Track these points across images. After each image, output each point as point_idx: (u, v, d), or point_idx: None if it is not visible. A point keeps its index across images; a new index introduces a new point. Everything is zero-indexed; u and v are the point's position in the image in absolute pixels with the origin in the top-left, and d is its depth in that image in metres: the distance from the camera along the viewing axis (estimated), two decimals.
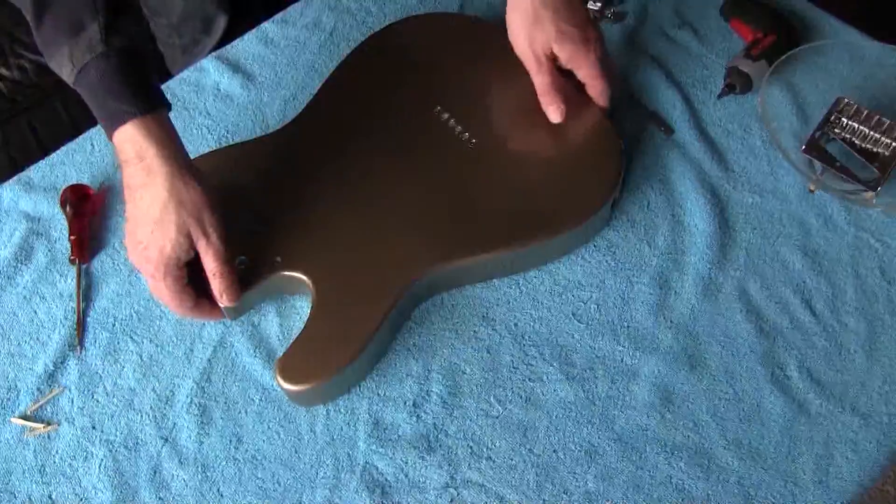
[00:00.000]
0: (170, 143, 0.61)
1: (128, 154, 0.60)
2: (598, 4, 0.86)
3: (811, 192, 0.74)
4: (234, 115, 0.82)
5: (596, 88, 0.73)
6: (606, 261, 0.71)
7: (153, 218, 0.60)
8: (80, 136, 0.82)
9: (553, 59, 0.73)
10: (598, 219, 0.71)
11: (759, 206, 0.74)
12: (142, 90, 0.60)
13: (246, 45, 0.87)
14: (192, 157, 0.65)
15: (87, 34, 0.58)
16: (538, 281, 0.70)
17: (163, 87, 0.84)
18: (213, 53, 0.87)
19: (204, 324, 0.69)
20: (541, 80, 0.73)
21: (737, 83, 0.79)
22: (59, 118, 1.12)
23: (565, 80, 0.74)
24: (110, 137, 0.61)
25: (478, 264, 0.68)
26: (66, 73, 0.61)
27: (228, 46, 0.87)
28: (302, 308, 0.70)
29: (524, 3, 0.71)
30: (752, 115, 0.80)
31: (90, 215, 0.76)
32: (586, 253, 0.72)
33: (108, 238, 0.75)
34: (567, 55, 0.72)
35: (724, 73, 0.81)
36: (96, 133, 0.82)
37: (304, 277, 0.67)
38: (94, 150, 0.81)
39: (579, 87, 0.75)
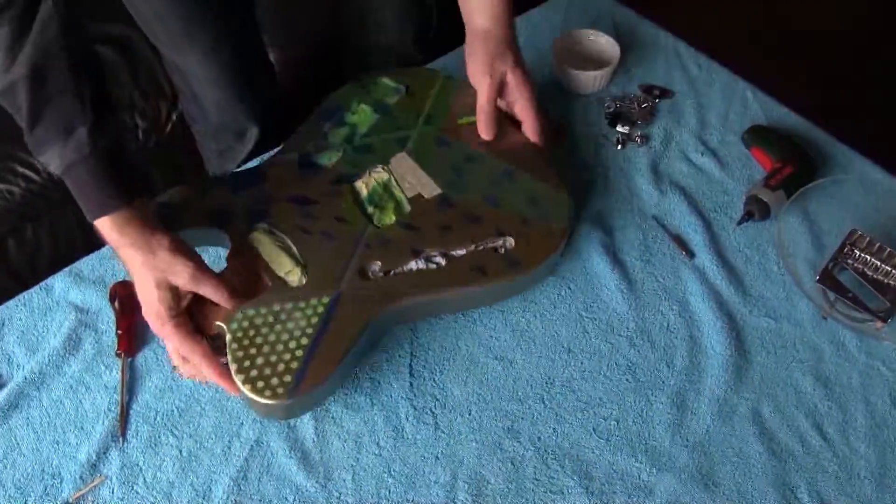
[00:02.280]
0: (146, 223, 0.75)
1: (113, 235, 0.74)
2: (627, 128, 0.98)
3: (824, 319, 0.83)
4: None
5: (531, 126, 0.90)
6: (626, 379, 0.80)
7: (138, 284, 0.75)
8: None
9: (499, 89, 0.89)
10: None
11: (774, 330, 0.84)
12: (122, 184, 0.73)
13: None
14: None
15: (76, 136, 0.71)
16: (562, 397, 0.79)
17: None
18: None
19: (242, 422, 0.79)
20: (479, 104, 0.89)
21: (755, 211, 0.89)
22: None
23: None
24: (92, 220, 0.74)
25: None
26: (54, 167, 0.73)
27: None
28: (337, 413, 0.79)
29: (489, 40, 0.88)
30: (770, 241, 0.90)
31: (137, 311, 0.86)
32: (608, 371, 0.81)
33: (152, 334, 0.85)
34: (516, 81, 0.88)
35: (743, 200, 0.91)
36: None
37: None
38: None
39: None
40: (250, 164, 0.98)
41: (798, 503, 0.73)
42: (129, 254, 0.74)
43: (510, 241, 0.84)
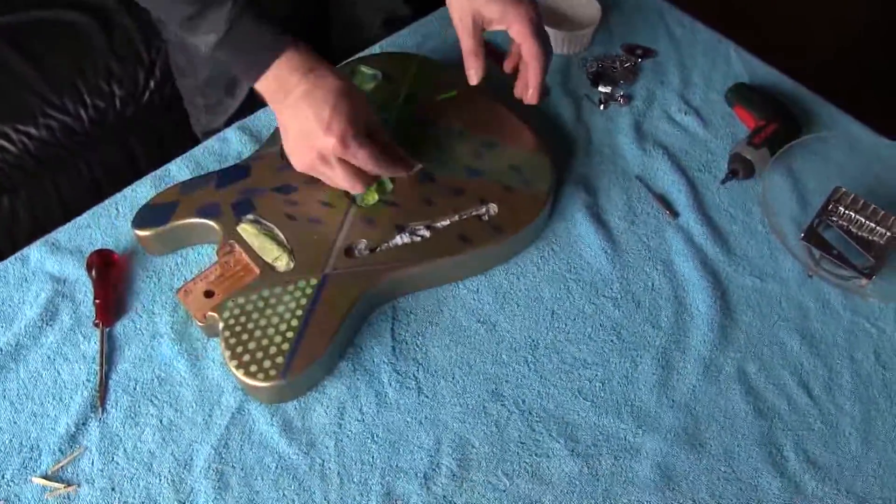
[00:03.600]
0: (322, 58, 0.74)
1: (290, 76, 0.72)
2: (609, 88, 0.94)
3: (809, 277, 0.80)
4: None
5: (529, 47, 0.79)
6: (612, 340, 0.77)
7: (335, 97, 0.71)
8: (106, 201, 0.89)
9: (481, 26, 0.81)
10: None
11: (759, 289, 0.80)
12: (281, 27, 0.73)
13: (267, 117, 0.95)
14: None
15: None
16: (546, 359, 0.76)
17: (187, 155, 0.92)
18: (236, 124, 0.94)
19: (223, 390, 0.75)
20: (463, 45, 0.82)
21: (739, 169, 0.86)
22: (82, 177, 1.20)
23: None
24: (264, 69, 0.72)
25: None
26: (216, 34, 0.72)
27: (251, 117, 0.95)
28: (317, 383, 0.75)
29: None
30: (754, 200, 0.87)
31: (115, 281, 0.82)
32: (593, 332, 0.78)
33: (131, 303, 0.81)
34: (497, 13, 0.79)
35: (727, 159, 0.88)
36: (121, 199, 0.88)
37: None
38: (118, 215, 0.87)
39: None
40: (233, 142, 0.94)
41: (784, 461, 0.71)
42: (316, 84, 0.72)
43: (493, 209, 0.80)
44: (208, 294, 0.77)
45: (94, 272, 0.81)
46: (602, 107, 0.94)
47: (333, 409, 0.74)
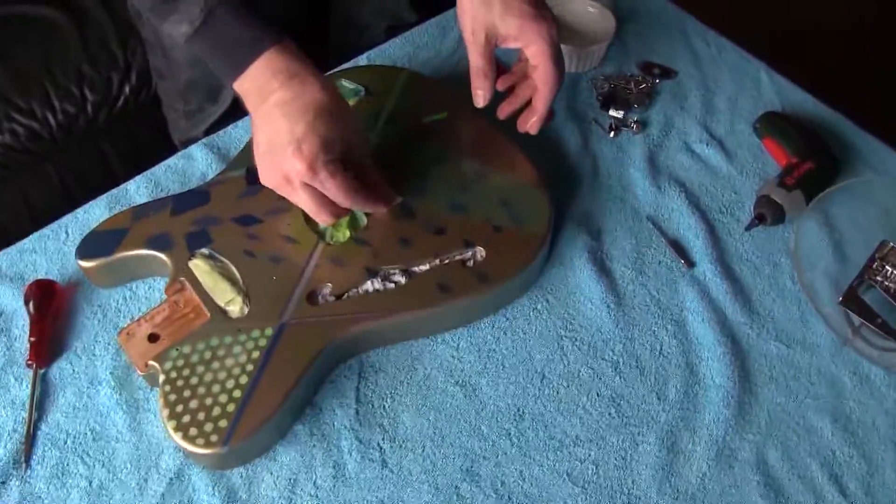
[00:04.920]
0: (301, 57, 0.63)
1: (270, 80, 0.61)
2: (621, 112, 0.81)
3: (846, 347, 0.67)
4: None
5: (545, 72, 0.68)
6: (610, 413, 0.64)
7: (314, 112, 0.61)
8: (54, 223, 0.78)
9: (494, 43, 0.69)
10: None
11: (785, 358, 0.67)
12: (266, 23, 0.62)
13: (238, 133, 0.83)
14: None
15: None
16: (532, 433, 0.63)
17: (147, 173, 0.80)
18: (203, 140, 0.82)
19: (163, 451, 0.63)
20: (472, 61, 0.70)
21: (767, 214, 0.72)
22: (51, 183, 1.09)
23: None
24: (242, 68, 0.62)
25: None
26: (189, 22, 0.62)
27: (221, 133, 0.83)
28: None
29: None
30: (784, 251, 0.73)
31: (54, 315, 0.71)
32: (588, 402, 0.65)
33: (71, 341, 0.70)
34: (515, 29, 0.68)
35: (754, 201, 0.74)
36: (71, 221, 0.77)
37: None
38: (67, 239, 0.76)
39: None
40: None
41: None
42: (284, 95, 0.61)
43: (480, 253, 0.68)
44: (153, 338, 0.66)
45: (31, 305, 0.70)
46: (612, 134, 0.80)
47: (284, 480, 0.62)
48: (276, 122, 0.61)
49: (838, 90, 0.90)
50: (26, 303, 0.71)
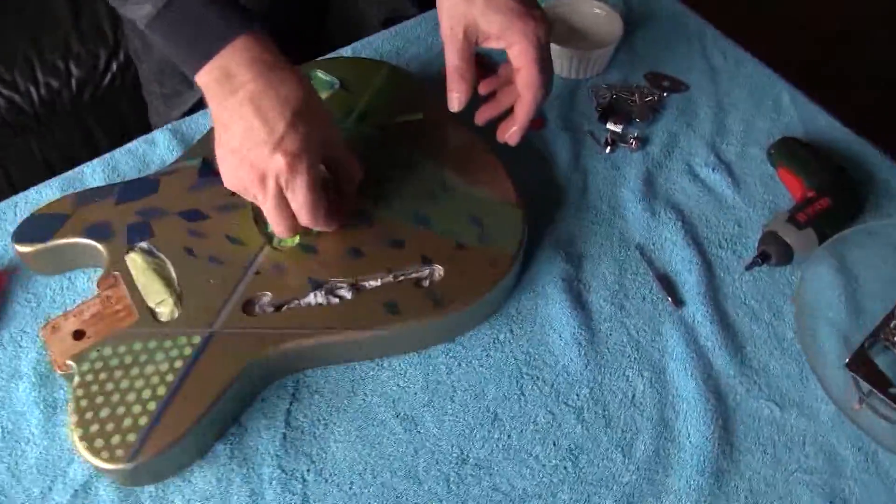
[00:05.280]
0: (273, 49, 0.57)
1: (240, 72, 0.55)
2: (620, 126, 0.72)
3: (851, 415, 0.57)
4: None
5: (527, 75, 0.61)
6: (565, 467, 0.56)
7: (293, 109, 0.55)
8: (3, 202, 0.73)
9: (475, 41, 0.62)
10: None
11: (777, 421, 0.58)
12: (237, 9, 0.57)
13: (206, 121, 0.76)
14: None
15: None
16: (474, 480, 0.55)
17: (106, 157, 0.75)
18: (168, 125, 0.76)
19: (73, 459, 0.57)
20: (448, 60, 0.63)
21: (773, 253, 0.63)
22: (35, 160, 1.04)
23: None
24: (206, 58, 0.55)
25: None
26: (152, 4, 0.56)
27: (188, 119, 0.77)
28: None
29: None
30: (788, 296, 0.64)
31: None
32: (542, 452, 0.57)
33: None
34: (497, 28, 0.60)
35: (759, 236, 0.65)
36: (21, 200, 0.72)
37: None
38: (15, 221, 0.70)
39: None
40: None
41: None
42: (256, 88, 0.55)
43: (438, 272, 0.61)
44: (78, 335, 0.60)
45: None
46: (608, 149, 0.72)
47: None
48: (249, 119, 0.55)
49: (874, 120, 0.80)
50: None
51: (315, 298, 0.60)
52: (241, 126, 0.55)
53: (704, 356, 0.61)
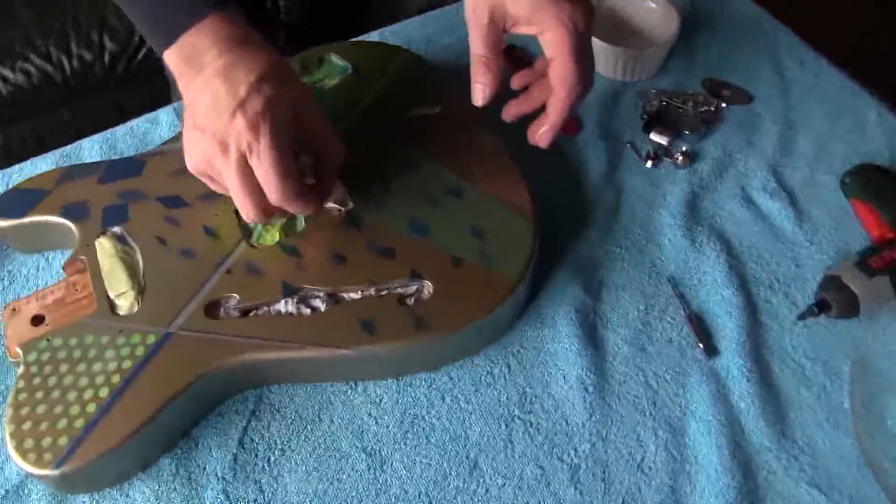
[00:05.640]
0: (247, 28, 0.52)
1: (209, 49, 0.50)
2: (666, 138, 0.62)
3: None
4: None
5: (561, 67, 0.52)
6: None
7: (259, 73, 0.49)
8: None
9: (502, 26, 0.54)
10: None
11: None
12: None
13: None
14: None
15: None
16: None
17: (106, 133, 0.70)
18: (174, 104, 0.71)
19: (7, 459, 0.52)
20: (472, 48, 0.54)
21: (834, 302, 0.52)
22: (68, 131, 1.02)
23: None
24: (175, 36, 0.51)
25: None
26: None
27: None
28: None
29: None
30: (847, 357, 0.52)
31: None
32: None
33: None
34: (526, 10, 0.52)
35: (819, 281, 0.54)
36: (16, 172, 0.68)
37: None
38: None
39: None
40: None
41: None
42: (225, 62, 0.50)
43: (427, 289, 0.53)
44: (37, 320, 0.55)
45: None
46: (649, 163, 0.62)
47: None
48: (213, 88, 0.49)
49: None
50: None
51: (286, 306, 0.52)
52: (206, 98, 0.49)
53: (735, 420, 0.50)
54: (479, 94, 0.55)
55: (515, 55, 0.68)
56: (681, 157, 0.61)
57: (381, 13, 0.92)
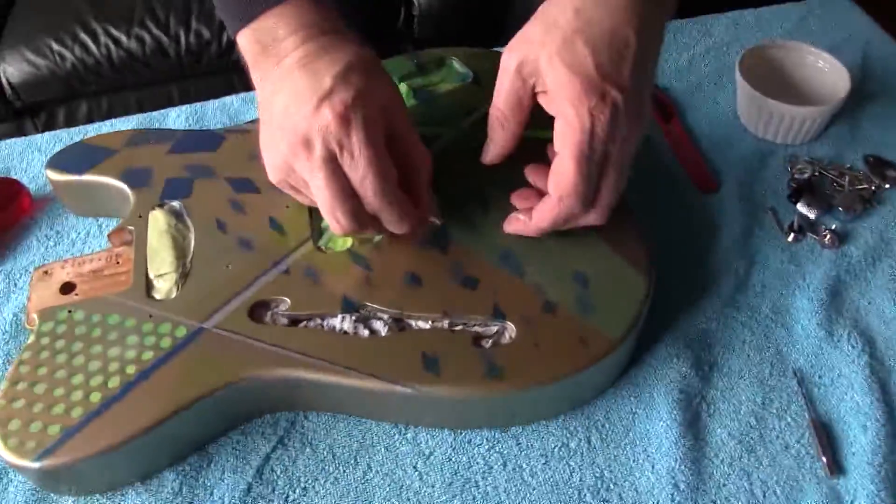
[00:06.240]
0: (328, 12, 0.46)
1: (288, 37, 0.44)
2: (814, 212, 0.53)
3: None
4: None
5: (557, 170, 0.43)
6: None
7: (345, 63, 0.43)
8: (76, 128, 0.67)
9: (530, 84, 0.43)
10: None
11: None
12: None
13: None
14: None
15: None
16: None
17: (196, 105, 0.68)
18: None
19: None
20: (496, 92, 0.45)
21: None
22: (168, 95, 0.99)
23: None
24: (250, 18, 0.44)
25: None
26: None
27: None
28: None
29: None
30: None
31: (4, 223, 0.58)
32: None
33: (2, 258, 0.56)
34: (551, 83, 0.42)
35: None
36: (93, 130, 0.65)
37: None
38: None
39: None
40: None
41: None
42: (307, 52, 0.43)
43: (509, 333, 0.45)
44: (67, 288, 0.50)
45: None
46: (791, 236, 0.53)
47: None
48: (294, 82, 0.43)
49: None
50: None
51: (342, 323, 0.45)
52: (285, 92, 0.43)
53: None
54: (486, 153, 0.47)
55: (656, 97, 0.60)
56: (829, 236, 0.52)
57: (514, 30, 0.86)
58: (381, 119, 0.43)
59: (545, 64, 0.41)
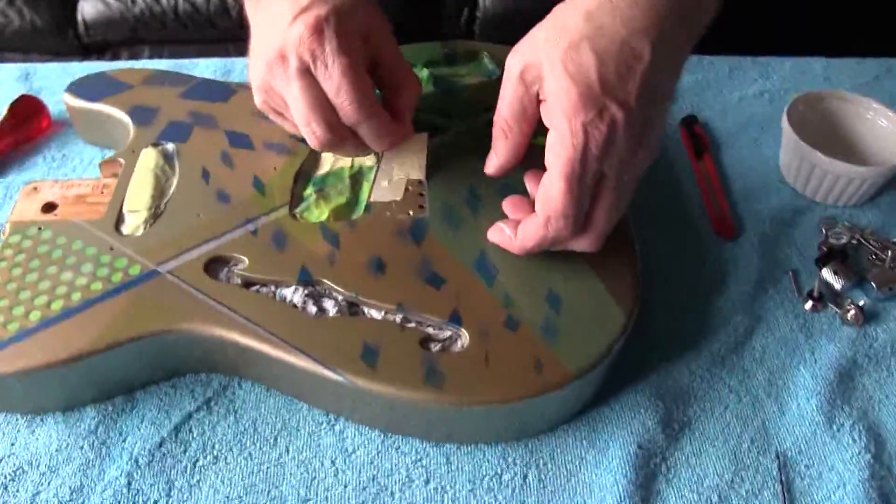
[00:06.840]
0: None
1: None
2: (841, 281, 0.47)
3: None
4: None
5: (548, 186, 0.39)
6: None
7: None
8: (117, 62, 0.67)
9: (533, 92, 0.40)
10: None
11: None
12: None
13: None
14: None
15: None
16: None
17: (224, 60, 0.67)
18: None
19: None
20: (499, 102, 0.42)
21: None
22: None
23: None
24: None
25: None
26: None
27: None
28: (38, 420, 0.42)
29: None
30: None
31: (21, 135, 0.59)
32: None
33: (10, 170, 0.57)
34: (549, 92, 0.38)
35: None
36: (125, 66, 0.64)
37: None
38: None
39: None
40: None
41: None
42: None
43: (461, 342, 0.41)
44: (48, 208, 0.50)
45: (8, 111, 0.59)
46: (808, 304, 0.47)
47: (15, 464, 0.40)
48: (278, 4, 0.43)
49: None
50: (9, 107, 0.60)
51: (293, 295, 0.43)
52: (266, 13, 0.43)
53: None
54: (489, 165, 0.43)
55: (690, 131, 0.56)
56: (853, 311, 0.46)
57: None
58: (362, 40, 0.43)
59: (547, 69, 0.38)
